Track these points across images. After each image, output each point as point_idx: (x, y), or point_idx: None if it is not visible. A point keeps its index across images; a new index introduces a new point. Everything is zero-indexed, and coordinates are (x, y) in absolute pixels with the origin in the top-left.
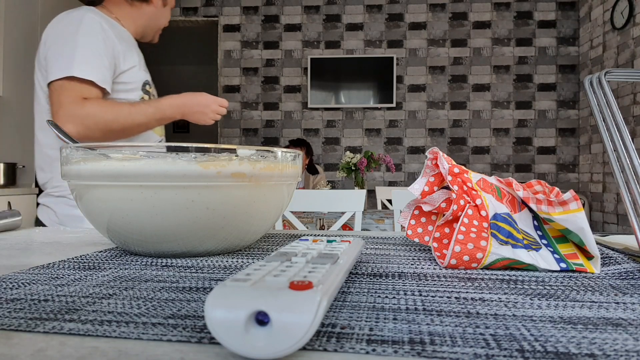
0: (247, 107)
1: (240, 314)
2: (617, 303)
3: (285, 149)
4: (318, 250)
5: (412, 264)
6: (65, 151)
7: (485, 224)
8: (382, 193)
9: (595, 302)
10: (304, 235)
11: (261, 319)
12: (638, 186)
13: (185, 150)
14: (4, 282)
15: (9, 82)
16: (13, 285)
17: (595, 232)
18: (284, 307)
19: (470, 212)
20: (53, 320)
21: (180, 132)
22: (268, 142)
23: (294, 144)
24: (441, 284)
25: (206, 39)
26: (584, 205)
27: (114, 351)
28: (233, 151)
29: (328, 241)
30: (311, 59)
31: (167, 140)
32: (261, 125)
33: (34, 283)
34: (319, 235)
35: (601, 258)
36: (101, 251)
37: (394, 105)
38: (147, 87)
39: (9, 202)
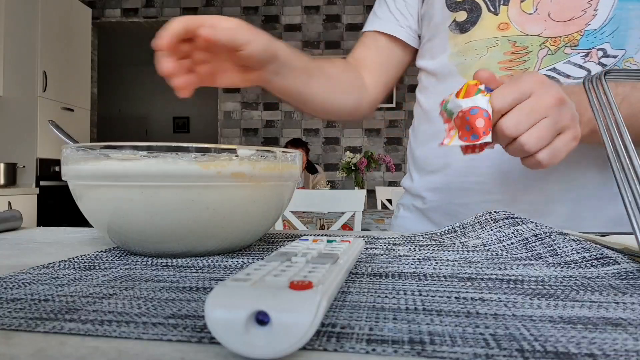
0: (247, 107)
1: (240, 313)
2: (617, 303)
3: (285, 150)
4: (318, 250)
5: (412, 264)
6: (65, 151)
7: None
8: (382, 193)
9: (595, 302)
10: (304, 235)
11: (261, 318)
12: (638, 186)
13: (185, 150)
14: (4, 282)
15: (9, 82)
16: (13, 285)
17: (595, 232)
18: (284, 307)
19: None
20: (53, 320)
21: (180, 132)
22: (268, 142)
23: (294, 144)
24: (441, 284)
25: None
26: None
27: (114, 351)
28: (233, 151)
29: (328, 241)
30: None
31: (167, 140)
32: (261, 126)
33: (34, 283)
34: (319, 235)
35: (601, 258)
36: (101, 251)
37: (393, 105)
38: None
39: (9, 202)
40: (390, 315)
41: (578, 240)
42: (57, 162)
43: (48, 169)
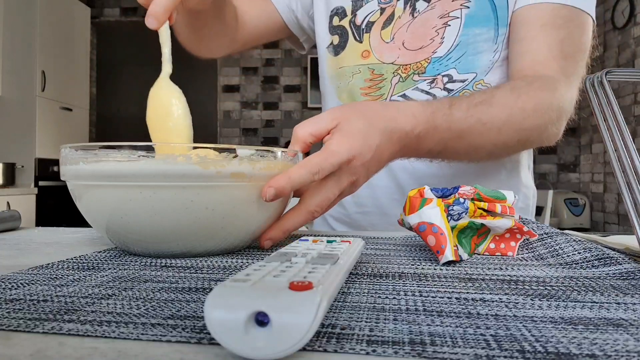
0: (247, 106)
1: (240, 314)
2: (618, 303)
3: (285, 149)
4: (318, 250)
5: (412, 264)
6: (64, 151)
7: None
8: None
9: (596, 303)
10: (304, 235)
11: (261, 319)
12: (639, 186)
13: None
14: (3, 282)
15: (8, 81)
16: (12, 286)
17: (596, 232)
18: (283, 307)
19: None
20: (52, 320)
21: None
22: (268, 142)
23: None
24: (442, 285)
25: None
26: (584, 205)
27: (113, 352)
28: (233, 151)
29: (328, 241)
30: (311, 58)
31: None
32: (261, 125)
33: (33, 283)
34: (319, 235)
35: (602, 258)
36: (100, 251)
37: None
38: (339, 18)
39: (7, 203)
40: (390, 316)
41: (579, 240)
42: (56, 162)
43: (47, 169)
